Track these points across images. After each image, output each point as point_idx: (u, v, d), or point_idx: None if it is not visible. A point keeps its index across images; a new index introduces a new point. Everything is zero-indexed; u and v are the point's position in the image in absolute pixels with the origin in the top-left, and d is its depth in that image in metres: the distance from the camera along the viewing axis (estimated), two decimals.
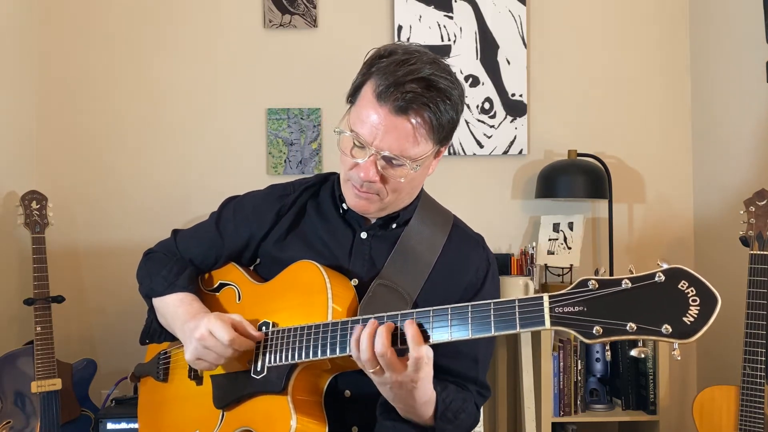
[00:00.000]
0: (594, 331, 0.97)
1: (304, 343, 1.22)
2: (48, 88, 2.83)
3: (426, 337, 1.12)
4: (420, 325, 1.12)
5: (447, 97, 1.24)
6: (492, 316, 1.06)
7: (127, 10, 2.85)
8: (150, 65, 2.85)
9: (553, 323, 1.01)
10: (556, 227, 2.76)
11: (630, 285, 0.97)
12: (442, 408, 1.26)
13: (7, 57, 2.66)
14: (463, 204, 1.52)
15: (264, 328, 1.31)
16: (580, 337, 0.99)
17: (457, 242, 1.42)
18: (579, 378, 2.52)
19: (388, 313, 1.16)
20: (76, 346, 2.74)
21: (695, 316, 0.93)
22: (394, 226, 1.40)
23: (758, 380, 2.00)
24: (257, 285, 1.43)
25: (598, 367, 2.58)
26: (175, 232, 1.58)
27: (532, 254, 2.65)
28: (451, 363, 1.31)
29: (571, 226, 2.74)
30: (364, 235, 1.40)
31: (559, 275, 2.74)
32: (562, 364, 2.51)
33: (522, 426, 2.49)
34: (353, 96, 1.30)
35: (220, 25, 2.86)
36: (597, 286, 0.99)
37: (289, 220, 1.45)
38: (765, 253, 2.02)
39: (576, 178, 2.63)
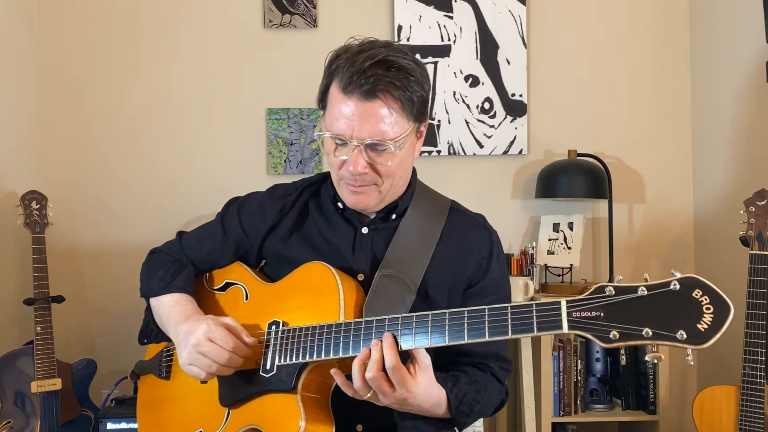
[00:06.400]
0: (611, 336, 0.99)
1: (315, 343, 1.23)
2: (48, 87, 2.83)
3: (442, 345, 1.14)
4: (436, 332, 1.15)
5: (409, 73, 1.27)
6: (510, 319, 1.08)
7: (127, 10, 2.84)
8: (150, 65, 2.85)
9: (570, 327, 1.03)
10: (556, 227, 2.76)
11: (646, 292, 0.99)
12: (456, 403, 1.28)
13: (6, 57, 2.66)
14: (463, 204, 1.52)
15: (273, 327, 1.32)
16: (598, 342, 1.00)
17: (457, 225, 1.43)
18: (579, 378, 2.52)
19: (403, 314, 1.18)
20: (76, 346, 2.74)
21: (709, 323, 0.96)
22: (393, 217, 1.41)
23: (758, 380, 2.00)
24: (265, 285, 1.43)
25: (598, 367, 2.58)
26: (180, 233, 1.58)
27: (532, 254, 2.65)
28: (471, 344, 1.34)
29: (571, 226, 2.74)
30: (365, 230, 1.41)
31: (559, 275, 2.73)
32: (562, 364, 2.51)
33: (522, 426, 2.49)
34: (323, 100, 1.33)
35: (220, 25, 2.86)
36: (614, 292, 1.01)
37: (293, 218, 1.46)
38: (765, 253, 2.02)
39: (576, 178, 2.63)
